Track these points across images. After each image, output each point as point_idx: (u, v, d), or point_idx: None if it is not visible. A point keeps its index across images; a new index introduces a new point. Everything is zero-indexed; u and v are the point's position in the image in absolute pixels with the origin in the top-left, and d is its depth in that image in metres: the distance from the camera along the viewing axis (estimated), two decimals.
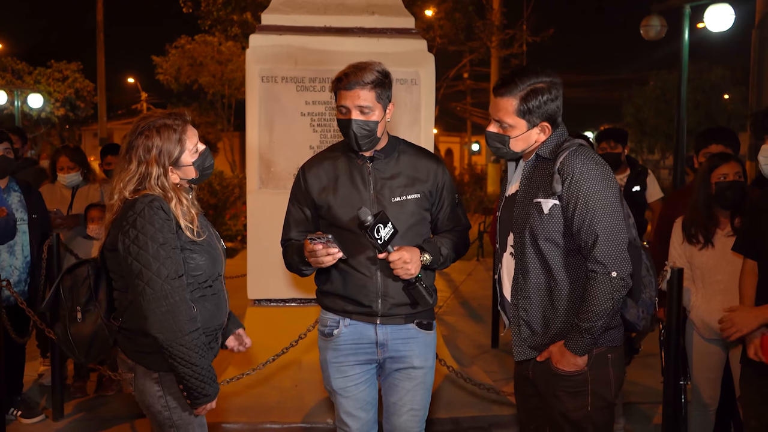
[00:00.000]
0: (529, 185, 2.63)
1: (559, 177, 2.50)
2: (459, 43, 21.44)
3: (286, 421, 4.17)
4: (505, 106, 2.57)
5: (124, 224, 2.50)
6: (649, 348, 5.85)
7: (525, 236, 2.59)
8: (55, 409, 4.73)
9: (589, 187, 2.47)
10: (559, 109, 2.59)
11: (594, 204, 2.47)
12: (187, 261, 2.57)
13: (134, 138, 2.59)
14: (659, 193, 5.36)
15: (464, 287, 9.17)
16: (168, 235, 2.49)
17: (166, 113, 2.65)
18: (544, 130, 2.60)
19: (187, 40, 21.17)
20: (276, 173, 4.71)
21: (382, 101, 2.78)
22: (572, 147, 2.54)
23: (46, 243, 4.71)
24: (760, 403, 3.05)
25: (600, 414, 2.62)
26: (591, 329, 2.49)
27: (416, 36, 4.90)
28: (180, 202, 2.58)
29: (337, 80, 2.77)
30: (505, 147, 2.64)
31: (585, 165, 2.49)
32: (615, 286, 2.47)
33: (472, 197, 20.97)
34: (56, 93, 22.42)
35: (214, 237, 2.75)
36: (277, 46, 4.71)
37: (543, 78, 2.55)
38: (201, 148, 2.67)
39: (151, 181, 2.55)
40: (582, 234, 2.49)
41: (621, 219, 2.51)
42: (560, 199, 2.51)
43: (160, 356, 2.52)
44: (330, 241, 2.64)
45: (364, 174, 2.85)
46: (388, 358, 2.90)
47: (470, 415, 4.33)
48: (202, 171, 2.68)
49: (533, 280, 2.59)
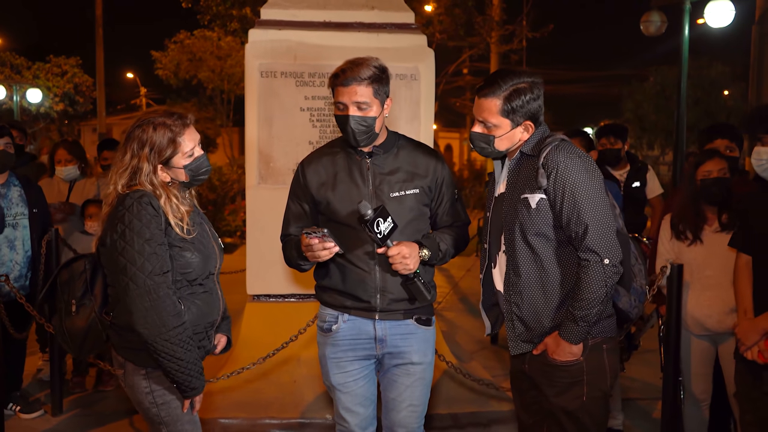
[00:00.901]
0: (515, 183, 2.67)
1: (543, 171, 2.55)
2: (458, 39, 21.40)
3: (284, 417, 4.17)
4: (489, 106, 2.62)
5: (113, 219, 2.52)
6: (648, 344, 5.86)
7: (515, 232, 2.63)
8: (54, 405, 4.73)
9: (574, 179, 2.52)
10: (540, 108, 2.65)
11: (580, 195, 2.52)
12: (177, 258, 2.57)
13: (132, 130, 2.61)
14: (659, 189, 5.36)
15: (463, 283, 9.16)
16: (155, 231, 2.49)
17: (170, 112, 2.65)
18: (528, 129, 2.65)
19: (186, 35, 21.13)
20: (275, 169, 4.70)
21: (380, 97, 2.77)
22: (554, 142, 2.59)
23: (45, 238, 4.70)
24: (755, 398, 3.07)
25: (595, 404, 2.65)
26: (585, 317, 2.53)
27: (416, 31, 4.89)
28: (169, 199, 2.58)
29: (333, 76, 2.76)
30: (490, 146, 2.69)
31: (568, 158, 2.54)
32: (608, 273, 2.52)
33: (472, 193, 20.98)
34: (55, 88, 22.36)
35: (209, 235, 2.75)
36: (277, 41, 4.70)
37: (524, 78, 2.61)
38: (197, 154, 2.66)
39: (142, 176, 2.56)
40: (571, 225, 2.54)
41: (607, 208, 2.57)
42: (546, 193, 2.56)
43: (147, 353, 2.54)
44: (326, 235, 2.64)
45: (363, 169, 2.85)
46: (387, 353, 2.90)
47: (469, 410, 4.33)
48: (193, 176, 2.67)
49: (524, 276, 2.63)
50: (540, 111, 2.65)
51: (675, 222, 3.79)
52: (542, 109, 2.66)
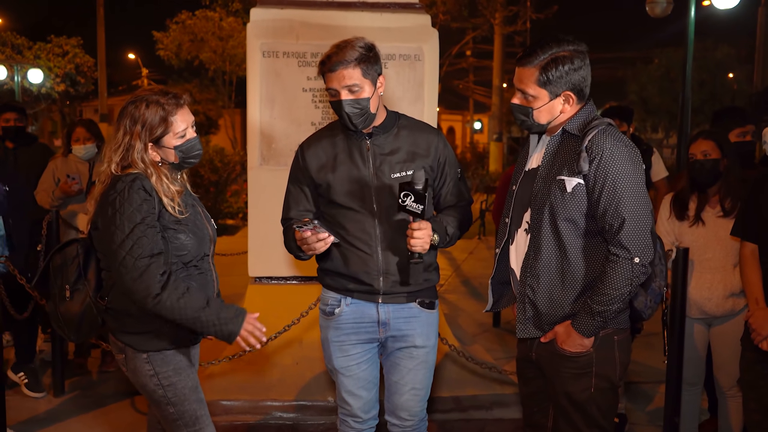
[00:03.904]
0: (553, 161, 2.55)
1: (586, 156, 2.42)
2: (462, 20, 21.27)
3: (286, 399, 4.17)
4: (527, 75, 2.51)
5: (104, 203, 2.51)
6: (650, 327, 5.84)
7: (544, 214, 2.52)
8: (56, 386, 4.74)
9: (618, 168, 2.40)
10: (584, 79, 2.52)
11: (622, 187, 2.40)
12: (172, 241, 2.55)
13: (126, 106, 2.59)
14: (664, 172, 5.32)
15: (465, 266, 9.16)
16: (146, 214, 2.47)
17: (164, 91, 2.62)
18: (569, 101, 2.52)
19: (187, 15, 21.04)
20: (277, 150, 4.66)
21: (370, 76, 2.72)
22: (601, 126, 2.47)
23: (46, 218, 4.68)
24: (761, 386, 3.05)
25: (604, 396, 2.58)
26: (604, 312, 2.45)
27: (420, 11, 4.82)
28: (160, 178, 2.56)
29: (321, 63, 2.72)
30: (529, 119, 2.57)
31: (615, 146, 2.42)
32: (636, 272, 2.42)
33: (474, 175, 20.94)
34: (56, 68, 22.26)
35: (202, 217, 2.73)
36: (279, 20, 4.64)
37: (566, 47, 2.48)
38: (189, 135, 2.63)
39: (134, 153, 2.54)
40: (607, 217, 2.42)
41: (647, 204, 2.45)
42: (585, 178, 2.44)
43: (146, 336, 2.53)
44: (317, 226, 2.61)
45: (363, 150, 2.81)
46: (390, 337, 2.88)
47: (472, 393, 4.32)
48: (183, 158, 2.64)
49: (545, 260, 2.54)
50: (584, 83, 2.52)
51: (677, 201, 3.80)
52: (587, 81, 2.53)
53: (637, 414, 4.63)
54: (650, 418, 4.58)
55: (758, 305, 3.07)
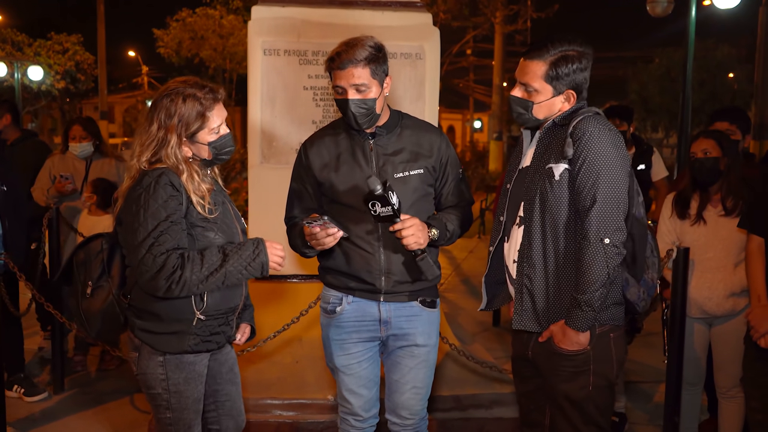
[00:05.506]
0: (543, 152, 2.57)
1: (570, 141, 2.45)
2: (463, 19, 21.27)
3: (286, 397, 4.16)
4: (534, 69, 2.51)
5: (129, 198, 2.45)
6: (650, 327, 5.84)
7: (535, 203, 2.53)
8: (56, 383, 4.75)
9: (598, 150, 2.42)
10: (586, 80, 2.54)
11: (599, 167, 2.41)
12: (199, 239, 2.49)
13: (160, 99, 2.50)
14: (664, 172, 5.32)
15: (465, 265, 9.17)
16: (172, 210, 2.40)
17: (201, 84, 2.54)
18: (569, 99, 2.54)
19: (188, 12, 21.03)
20: (278, 148, 4.66)
21: (378, 76, 2.70)
22: (588, 113, 2.49)
23: (46, 216, 4.67)
24: (763, 384, 3.04)
25: (601, 394, 2.59)
26: (589, 301, 2.44)
27: (421, 9, 4.82)
28: (191, 176, 2.49)
29: (329, 60, 2.69)
30: (527, 113, 2.58)
31: (597, 129, 2.44)
32: (609, 254, 2.42)
33: (474, 175, 20.91)
34: (56, 65, 22.28)
35: (232, 215, 2.66)
36: (280, 18, 4.63)
37: (575, 47, 2.50)
38: (223, 131, 2.57)
39: (168, 149, 2.46)
40: (581, 195, 2.44)
41: (623, 189, 2.46)
42: (571, 163, 2.46)
43: (168, 338, 2.48)
44: (327, 222, 2.57)
45: (365, 150, 2.80)
46: (391, 335, 2.87)
47: (472, 392, 4.32)
48: (216, 154, 2.57)
49: (539, 248, 2.54)
50: (585, 84, 2.54)
51: (678, 199, 3.80)
52: (587, 82, 2.55)
53: (637, 413, 4.63)
54: (650, 417, 4.58)
55: (759, 302, 3.07)
